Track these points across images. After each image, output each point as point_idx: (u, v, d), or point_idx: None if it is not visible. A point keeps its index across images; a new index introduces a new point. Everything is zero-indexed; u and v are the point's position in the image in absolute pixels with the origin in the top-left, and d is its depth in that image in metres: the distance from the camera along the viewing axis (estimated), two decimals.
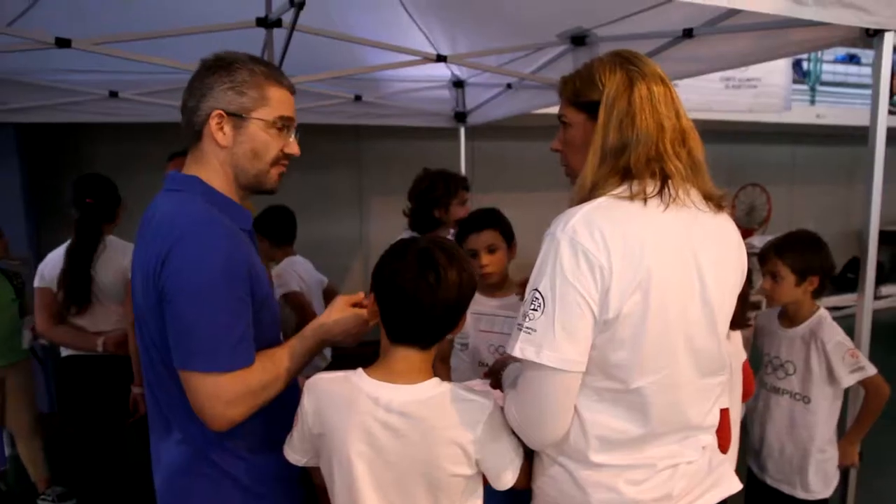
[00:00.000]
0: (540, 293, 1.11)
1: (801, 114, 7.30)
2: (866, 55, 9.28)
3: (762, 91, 6.36)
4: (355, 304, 1.41)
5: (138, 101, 3.63)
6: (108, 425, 2.67)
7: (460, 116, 4.59)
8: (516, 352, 1.12)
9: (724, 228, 1.23)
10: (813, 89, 8.20)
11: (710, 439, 1.28)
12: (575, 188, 1.21)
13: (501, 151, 6.65)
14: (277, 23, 2.54)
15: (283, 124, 1.32)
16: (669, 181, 1.14)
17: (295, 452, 1.32)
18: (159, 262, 1.18)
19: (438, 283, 1.19)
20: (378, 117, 4.39)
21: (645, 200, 1.13)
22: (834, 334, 2.10)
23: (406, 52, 3.02)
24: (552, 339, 1.09)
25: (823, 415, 2.13)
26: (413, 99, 4.38)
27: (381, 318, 1.26)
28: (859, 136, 2.15)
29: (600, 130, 1.18)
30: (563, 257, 1.09)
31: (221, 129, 1.28)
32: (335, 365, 1.30)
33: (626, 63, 1.19)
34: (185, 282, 1.16)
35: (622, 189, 1.15)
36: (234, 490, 1.31)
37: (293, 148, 1.36)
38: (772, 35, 2.27)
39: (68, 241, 2.61)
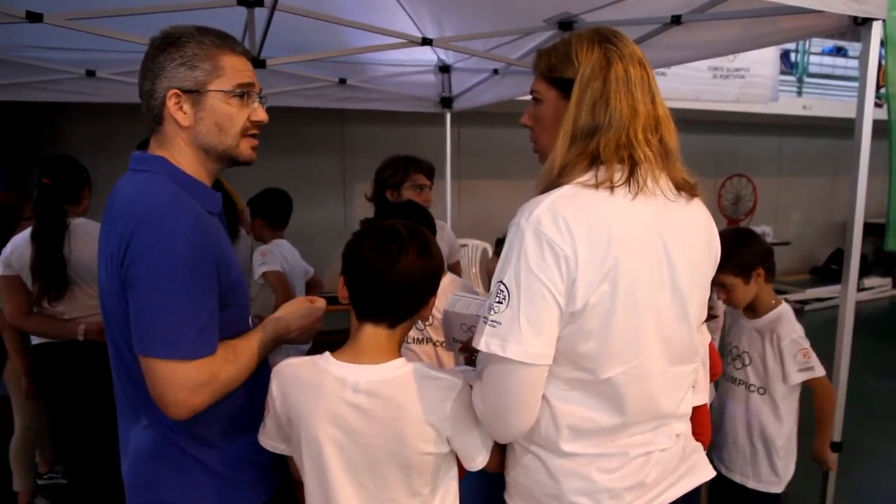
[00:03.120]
0: (505, 285, 1.08)
1: (789, 105, 7.33)
2: (853, 48, 9.30)
3: (750, 81, 6.36)
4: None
5: (116, 80, 3.55)
6: (89, 413, 2.61)
7: (446, 102, 4.54)
8: (481, 346, 1.10)
9: (694, 216, 1.20)
10: (800, 81, 8.22)
11: (684, 427, 1.26)
12: (543, 171, 1.17)
13: (487, 138, 6.61)
14: (259, 1, 2.47)
15: (243, 92, 1.27)
16: (638, 168, 1.12)
17: (270, 439, 1.30)
18: (122, 246, 1.14)
19: (398, 256, 1.19)
20: (363, 101, 4.33)
21: (612, 189, 1.10)
22: (791, 331, 2.10)
23: (391, 34, 2.96)
24: (517, 333, 1.06)
25: (778, 408, 2.14)
26: (398, 83, 4.33)
27: (349, 298, 1.24)
28: (846, 129, 2.14)
29: (572, 110, 1.14)
30: (528, 248, 1.06)
31: (181, 108, 1.24)
32: (315, 350, 1.30)
33: (605, 42, 1.16)
34: (148, 267, 1.13)
35: (588, 177, 1.12)
36: (203, 475, 1.28)
37: (259, 114, 1.31)
38: (761, 23, 2.25)
39: (29, 228, 2.49)
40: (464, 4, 3.23)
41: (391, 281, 1.20)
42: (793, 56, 8.57)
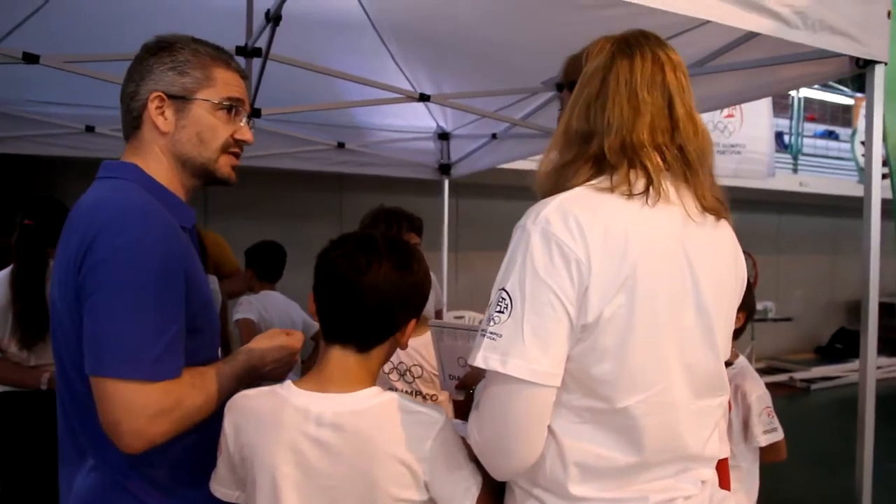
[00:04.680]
0: (507, 293, 0.96)
1: (785, 181, 7.40)
2: (844, 133, 9.52)
3: (746, 157, 6.43)
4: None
5: (115, 136, 3.53)
6: (46, 477, 2.42)
7: (445, 168, 4.53)
8: (478, 361, 0.96)
9: (721, 238, 1.08)
10: (795, 159, 8.35)
11: (711, 473, 1.10)
12: (536, 175, 1.08)
13: (486, 210, 6.59)
14: (257, 52, 2.48)
15: (231, 106, 1.21)
16: (655, 175, 1.01)
17: (222, 485, 1.14)
18: (81, 252, 1.04)
19: (368, 267, 1.07)
20: (361, 166, 4.32)
21: (630, 195, 1.00)
22: (757, 387, 1.96)
23: (389, 89, 2.97)
24: (520, 346, 0.93)
25: (743, 480, 1.93)
26: (397, 149, 4.33)
27: (317, 315, 1.12)
28: (842, 208, 2.07)
29: (566, 112, 1.07)
30: (535, 251, 0.95)
31: (162, 112, 1.17)
32: None
33: (623, 41, 1.07)
34: (110, 274, 1.01)
35: (601, 179, 1.02)
36: None
37: (244, 133, 1.24)
38: (762, 73, 2.23)
39: (9, 268, 2.40)
40: (461, 65, 3.26)
41: (359, 293, 1.06)
42: (787, 138, 8.76)
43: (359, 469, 1.03)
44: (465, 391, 1.32)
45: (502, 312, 0.96)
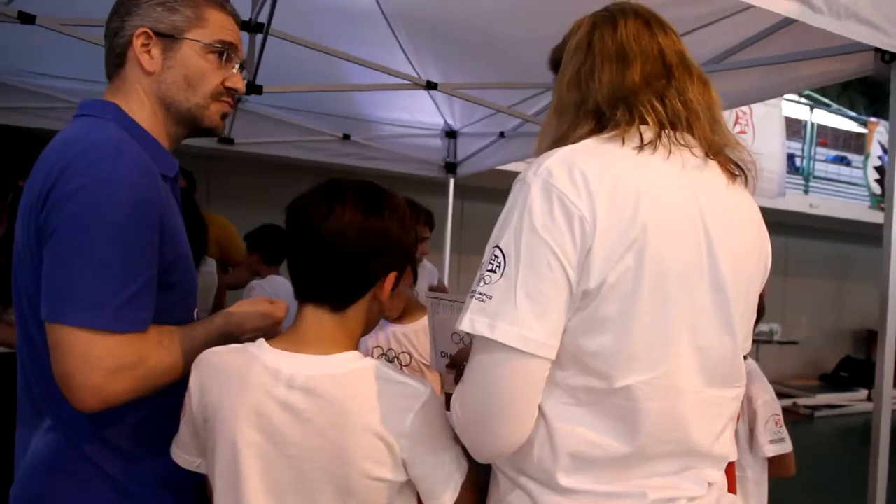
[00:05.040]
0: (501, 250, 0.87)
1: (795, 202, 7.31)
2: (856, 159, 9.44)
3: (757, 174, 6.33)
4: None
5: None
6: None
7: (450, 167, 4.46)
8: (465, 324, 0.87)
9: (741, 206, 0.98)
10: (807, 180, 8.27)
11: (719, 476, 0.98)
12: (536, 150, 1.00)
13: (491, 214, 6.46)
14: (259, 27, 2.41)
15: (223, 50, 1.13)
16: (664, 123, 0.93)
17: (184, 451, 1.04)
18: (45, 189, 0.96)
19: (331, 212, 0.97)
20: (366, 159, 4.25)
21: (640, 147, 0.90)
22: (764, 392, 1.81)
23: (396, 74, 2.91)
24: (512, 310, 0.84)
25: (747, 489, 1.78)
26: (403, 144, 4.27)
27: (289, 273, 1.04)
28: (852, 234, 1.98)
29: (555, 90, 1.00)
30: (534, 204, 0.86)
31: (148, 51, 1.09)
32: None
33: (604, 10, 1.01)
34: (74, 211, 0.93)
35: (606, 133, 0.93)
36: (109, 495, 1.03)
37: (236, 81, 1.16)
38: (781, 70, 2.15)
39: None
40: (472, 58, 3.19)
41: (322, 241, 0.97)
42: (798, 161, 8.68)
43: (330, 439, 0.93)
44: (457, 370, 1.23)
45: (494, 272, 0.86)
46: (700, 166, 0.94)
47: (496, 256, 0.87)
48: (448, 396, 1.38)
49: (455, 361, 1.22)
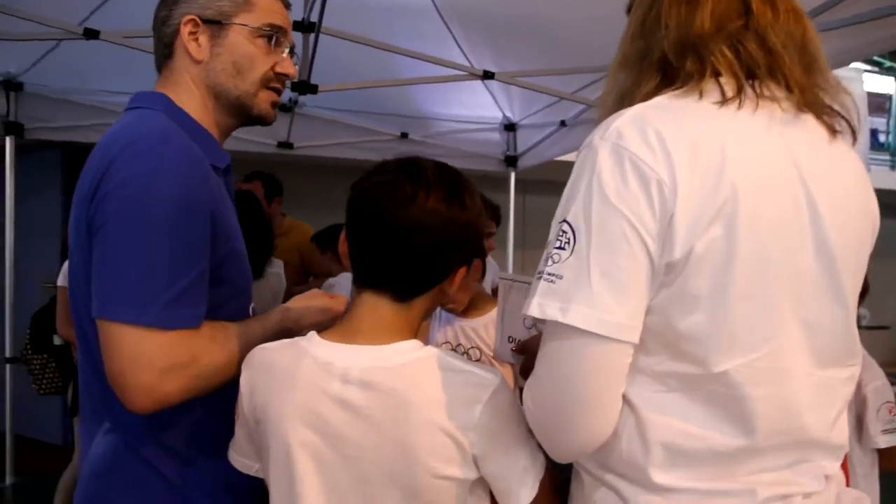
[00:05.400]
0: (569, 225, 0.77)
1: (881, 178, 6.87)
2: None
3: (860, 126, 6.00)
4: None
5: None
6: None
7: (511, 161, 4.37)
8: (533, 309, 0.77)
9: (843, 159, 0.85)
10: (893, 155, 7.76)
11: (836, 468, 0.86)
12: (598, 110, 0.91)
13: (554, 207, 6.34)
14: (312, 27, 2.40)
15: (272, 34, 1.09)
16: (740, 73, 0.81)
17: (241, 454, 0.99)
18: (94, 183, 0.93)
19: (414, 195, 0.89)
20: (424, 157, 4.21)
21: (722, 101, 0.79)
22: (875, 376, 1.65)
23: (450, 65, 2.84)
24: (586, 290, 0.74)
25: (854, 484, 1.60)
26: (462, 140, 4.22)
27: (349, 258, 0.97)
28: None
29: (621, 42, 0.90)
30: (603, 171, 0.75)
31: (196, 38, 1.06)
32: None
33: None
34: (121, 204, 0.90)
35: (678, 88, 0.82)
36: (165, 495, 1.00)
37: (287, 66, 1.11)
38: (868, 29, 1.97)
39: None
40: (527, 47, 3.10)
41: (399, 230, 0.89)
42: (882, 137, 8.21)
43: (392, 437, 0.85)
44: (526, 357, 1.13)
45: (563, 249, 0.76)
46: (790, 121, 0.82)
47: (564, 232, 0.77)
48: (521, 392, 1.30)
49: (524, 348, 1.12)
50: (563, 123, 3.73)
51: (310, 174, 5.38)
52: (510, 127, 4.25)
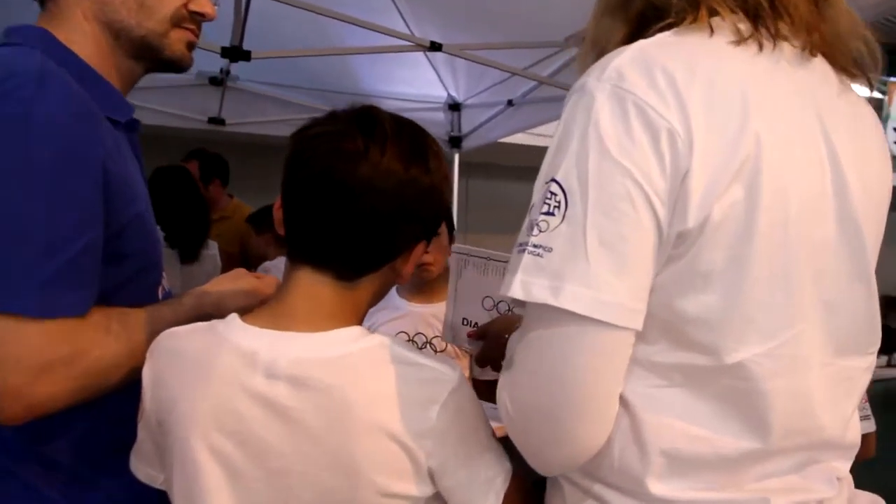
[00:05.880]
0: (559, 184, 0.63)
1: None
2: None
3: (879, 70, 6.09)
4: None
5: None
6: None
7: (455, 141, 4.24)
8: (514, 289, 0.63)
9: (863, 115, 0.75)
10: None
11: (847, 469, 0.76)
12: (578, 61, 0.78)
13: (496, 192, 6.32)
14: None
15: None
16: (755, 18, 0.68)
17: (145, 463, 0.83)
18: None
19: (366, 154, 0.73)
20: None
21: (739, 39, 0.66)
22: None
23: (396, 35, 2.67)
24: (583, 265, 0.60)
25: None
26: None
27: (283, 226, 0.81)
28: None
29: None
30: (602, 119, 0.62)
31: None
32: None
33: None
34: None
35: (687, 25, 0.69)
36: None
37: (202, 4, 0.93)
38: None
39: None
40: (477, 20, 2.96)
41: (344, 188, 0.73)
42: None
43: (328, 446, 0.71)
44: (484, 345, 0.98)
45: (551, 214, 0.62)
46: (809, 66, 0.71)
47: (553, 193, 0.63)
48: (476, 384, 1.15)
49: (483, 333, 0.98)
50: (510, 103, 3.62)
51: (244, 153, 5.13)
52: (455, 107, 4.12)
